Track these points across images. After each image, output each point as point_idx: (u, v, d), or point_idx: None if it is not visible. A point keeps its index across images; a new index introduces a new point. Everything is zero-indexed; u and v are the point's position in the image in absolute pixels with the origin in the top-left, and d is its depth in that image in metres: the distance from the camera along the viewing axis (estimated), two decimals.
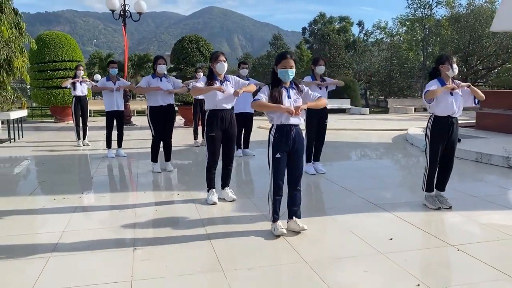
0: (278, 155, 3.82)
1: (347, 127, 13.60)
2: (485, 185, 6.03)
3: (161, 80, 6.38)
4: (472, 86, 4.60)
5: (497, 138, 8.81)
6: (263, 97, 3.79)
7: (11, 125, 10.24)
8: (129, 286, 2.89)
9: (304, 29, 51.06)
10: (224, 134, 4.87)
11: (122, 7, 13.88)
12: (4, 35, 9.43)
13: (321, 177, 6.24)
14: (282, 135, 3.81)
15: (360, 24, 48.08)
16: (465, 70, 35.23)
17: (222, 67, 4.78)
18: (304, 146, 3.98)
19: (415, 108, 21.42)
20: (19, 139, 10.57)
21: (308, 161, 6.47)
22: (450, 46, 34.76)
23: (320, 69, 6.28)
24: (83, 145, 9.51)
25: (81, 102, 9.60)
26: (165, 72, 6.57)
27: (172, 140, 6.79)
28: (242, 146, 8.16)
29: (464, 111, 16.90)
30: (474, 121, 11.24)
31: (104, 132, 8.19)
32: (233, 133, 4.96)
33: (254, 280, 3.00)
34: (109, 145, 8.10)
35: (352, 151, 9.29)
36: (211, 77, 4.81)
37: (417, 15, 38.12)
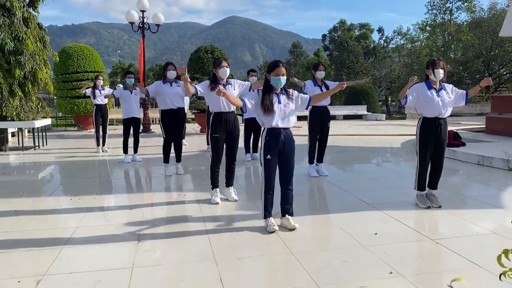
0: (269, 157, 4.13)
1: (359, 132, 13.77)
2: (481, 186, 6.20)
3: (171, 85, 6.80)
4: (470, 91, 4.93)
5: (504, 142, 8.88)
6: (247, 100, 4.12)
7: (36, 134, 10.85)
8: (129, 272, 3.24)
9: (324, 36, 51.18)
10: (228, 135, 5.21)
11: (141, 19, 14.45)
12: (29, 48, 10.03)
13: (323, 179, 6.51)
14: (272, 138, 4.13)
15: (380, 30, 47.95)
16: (487, 75, 34.88)
17: (225, 72, 5.15)
18: (294, 147, 4.26)
19: None
20: (43, 146, 11.16)
21: (310, 162, 6.74)
22: (471, 51, 34.49)
23: (320, 74, 6.57)
24: (102, 152, 10.01)
25: (101, 110, 10.12)
26: (180, 78, 6.99)
27: (184, 145, 7.17)
28: (251, 151, 8.47)
29: (481, 117, 16.72)
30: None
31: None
32: (236, 134, 5.29)
33: (241, 267, 3.33)
34: (125, 151, 8.55)
35: (358, 155, 9.48)
36: (215, 81, 5.17)
37: (437, 20, 37.96)
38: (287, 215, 4.25)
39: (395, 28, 51.10)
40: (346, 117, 21.69)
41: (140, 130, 14.24)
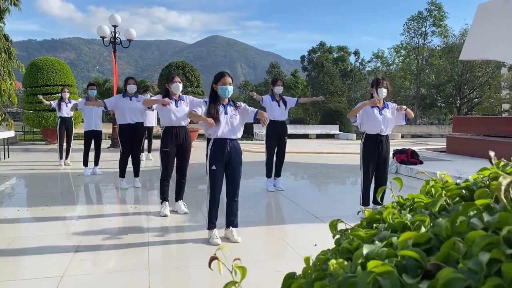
0: (214, 167, 4.14)
1: (328, 150, 13.93)
2: None
3: (130, 100, 6.81)
4: (408, 110, 5.00)
5: (461, 161, 9.12)
6: (199, 110, 4.15)
7: None
8: (57, 281, 3.18)
9: (303, 57, 51.91)
10: (178, 149, 5.22)
11: (113, 34, 14.42)
12: None
13: (278, 193, 6.55)
14: (218, 148, 4.14)
15: (356, 53, 48.95)
16: (459, 99, 35.87)
17: (177, 87, 5.19)
18: (241, 159, 4.29)
19: (402, 135, 21.82)
20: (4, 159, 10.92)
21: (268, 176, 6.77)
22: (444, 75, 35.54)
23: (278, 89, 6.68)
24: (65, 165, 9.85)
25: (66, 123, 9.99)
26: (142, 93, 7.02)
27: (149, 160, 7.13)
28: None
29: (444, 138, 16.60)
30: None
31: (92, 153, 8.47)
32: (187, 148, 5.30)
33: (173, 276, 3.30)
34: (85, 164, 8.43)
35: (320, 172, 9.53)
36: (167, 96, 5.20)
37: (412, 44, 39.00)
38: (231, 227, 4.25)
39: (374, 51, 52.06)
40: (319, 136, 21.92)
41: (109, 145, 14.26)
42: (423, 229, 0.63)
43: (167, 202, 5.25)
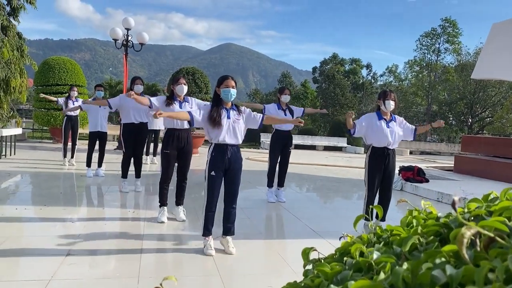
0: (213, 173, 4.06)
1: (334, 163, 13.79)
2: None
3: None
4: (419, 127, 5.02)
5: (468, 181, 8.95)
6: (196, 113, 4.09)
7: (4, 143, 10.66)
8: (44, 284, 3.12)
9: (314, 68, 51.92)
10: (179, 152, 5.16)
11: (125, 37, 14.49)
12: (4, 56, 9.98)
13: (279, 205, 6.45)
14: (219, 154, 4.06)
15: (368, 67, 48.84)
16: (470, 117, 35.55)
17: (182, 89, 5.15)
18: (241, 165, 4.21)
19: (410, 151, 21.59)
20: (10, 155, 10.96)
21: (269, 186, 6.66)
22: (456, 93, 35.28)
23: (285, 98, 6.60)
24: (69, 164, 9.84)
25: (71, 121, 10.02)
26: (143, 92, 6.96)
27: (154, 163, 7.07)
28: None
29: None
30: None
31: (96, 154, 8.45)
32: (188, 151, 5.24)
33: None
34: (88, 164, 8.40)
35: (323, 185, 9.41)
36: (171, 98, 5.16)
37: (425, 60, 38.73)
38: (227, 237, 4.16)
39: (389, 65, 51.74)
40: (327, 148, 21.81)
41: (115, 147, 14.27)
42: (381, 276, 0.56)
43: (165, 208, 5.18)
